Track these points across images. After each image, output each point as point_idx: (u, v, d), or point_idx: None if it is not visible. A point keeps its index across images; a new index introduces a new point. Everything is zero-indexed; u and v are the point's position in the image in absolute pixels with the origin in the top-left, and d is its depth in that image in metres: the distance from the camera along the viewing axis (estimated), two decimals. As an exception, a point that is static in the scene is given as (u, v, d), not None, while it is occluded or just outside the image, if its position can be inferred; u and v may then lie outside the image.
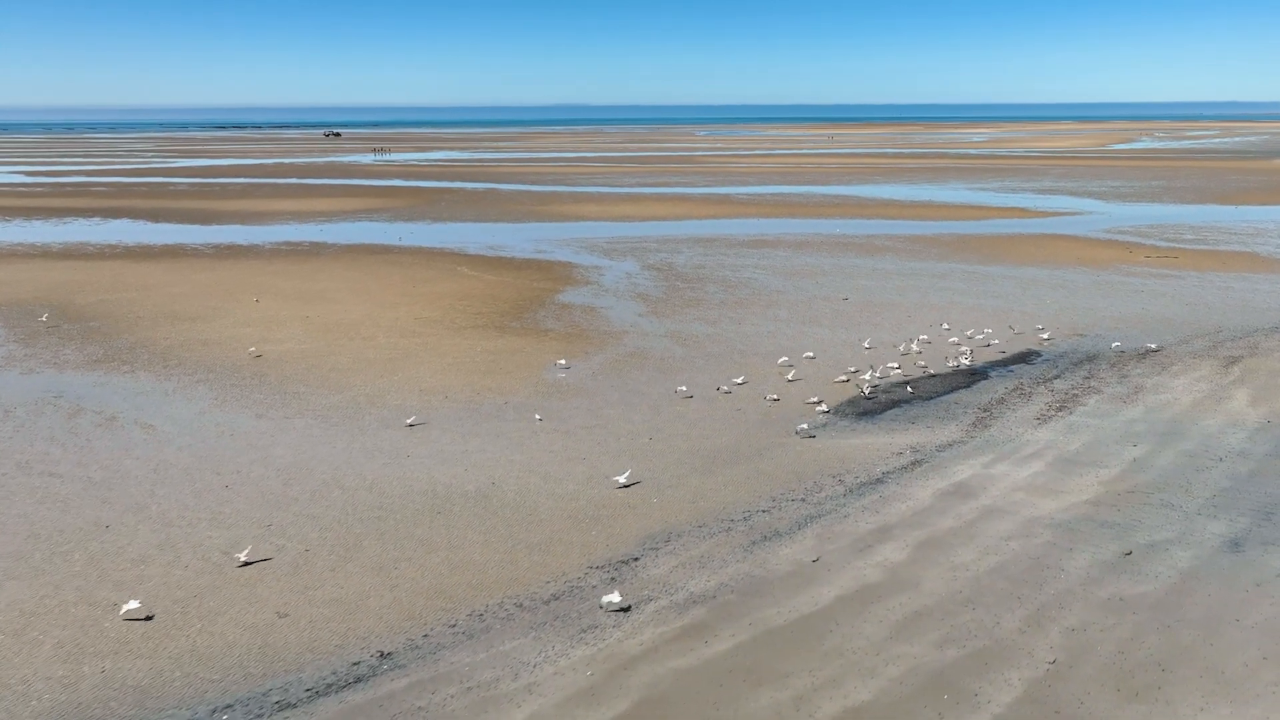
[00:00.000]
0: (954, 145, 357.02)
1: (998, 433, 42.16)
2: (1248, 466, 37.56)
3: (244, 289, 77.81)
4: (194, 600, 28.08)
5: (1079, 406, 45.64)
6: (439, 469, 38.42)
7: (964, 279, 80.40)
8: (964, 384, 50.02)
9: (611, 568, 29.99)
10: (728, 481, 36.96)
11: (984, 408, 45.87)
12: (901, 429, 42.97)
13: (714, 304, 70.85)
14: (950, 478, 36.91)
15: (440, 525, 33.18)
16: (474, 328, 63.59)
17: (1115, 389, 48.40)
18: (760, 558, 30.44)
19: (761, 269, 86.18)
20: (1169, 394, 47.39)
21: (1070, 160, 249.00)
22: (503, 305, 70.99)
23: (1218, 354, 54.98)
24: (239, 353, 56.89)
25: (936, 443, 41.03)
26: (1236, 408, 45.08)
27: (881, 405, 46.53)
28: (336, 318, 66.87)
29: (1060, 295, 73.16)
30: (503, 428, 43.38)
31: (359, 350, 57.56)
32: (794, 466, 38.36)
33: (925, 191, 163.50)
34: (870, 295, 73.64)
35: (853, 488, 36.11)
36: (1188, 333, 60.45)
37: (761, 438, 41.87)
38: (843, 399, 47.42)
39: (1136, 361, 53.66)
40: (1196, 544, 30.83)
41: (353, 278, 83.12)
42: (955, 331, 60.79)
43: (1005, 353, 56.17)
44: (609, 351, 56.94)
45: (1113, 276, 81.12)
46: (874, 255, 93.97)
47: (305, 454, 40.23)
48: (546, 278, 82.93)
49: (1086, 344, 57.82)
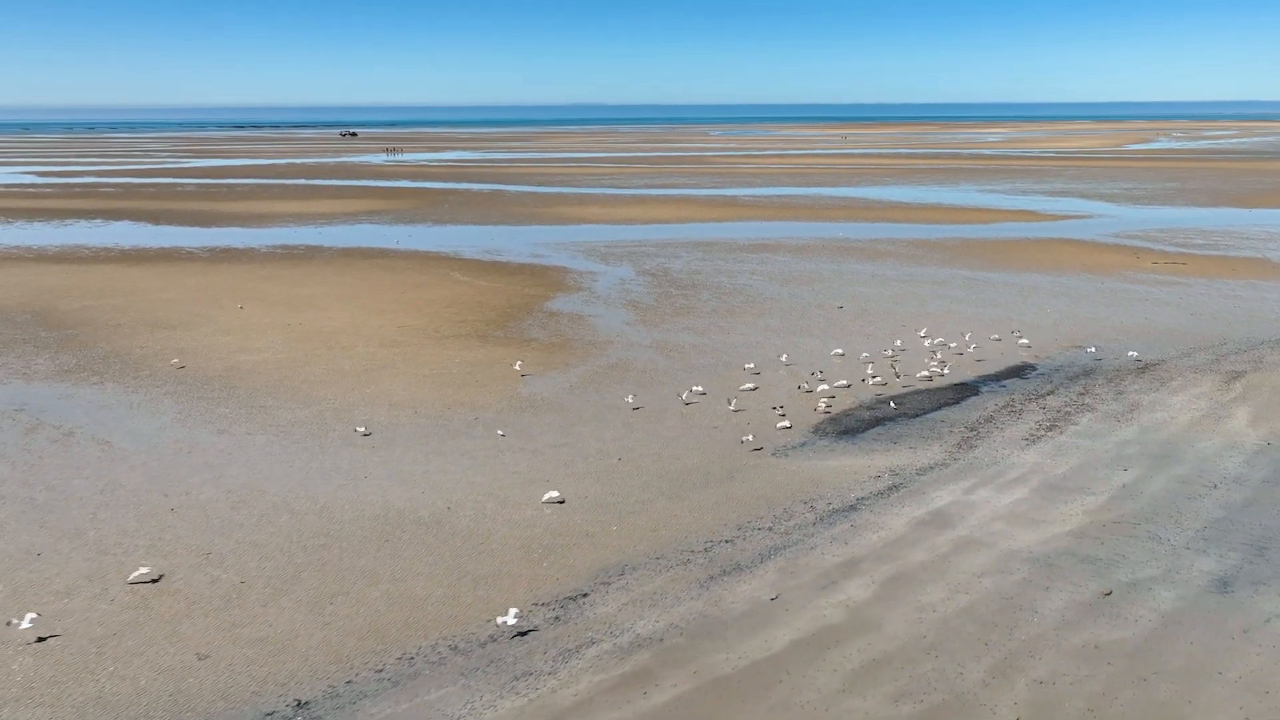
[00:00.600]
0: (969, 145, 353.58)
1: (983, 454, 40.16)
2: (1243, 494, 35.46)
3: (232, 295, 76.41)
4: (113, 639, 26.48)
5: (1070, 425, 43.57)
6: (396, 491, 36.76)
7: (964, 286, 78.23)
8: (953, 400, 48.00)
9: (557, 605, 28.23)
10: (694, 507, 35.14)
11: (971, 426, 43.85)
12: (882, 449, 41.03)
13: (705, 312, 68.97)
14: (928, 505, 34.97)
15: (386, 555, 31.50)
16: (457, 336, 61.93)
17: (1110, 406, 46.29)
18: (716, 595, 28.62)
19: (758, 275, 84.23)
20: (1166, 412, 45.26)
21: (1084, 161, 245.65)
22: (490, 313, 69.32)
23: (1220, 368, 52.74)
24: (213, 363, 55.42)
25: (917, 465, 39.08)
26: (1236, 428, 42.92)
27: (864, 423, 44.60)
28: (319, 325, 65.35)
29: (1062, 304, 70.93)
30: (469, 446, 41.68)
31: (336, 361, 55.99)
32: (765, 491, 36.51)
33: (934, 193, 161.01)
34: (866, 303, 71.59)
35: (824, 515, 34.23)
36: (1191, 345, 58.19)
37: (736, 458, 40.01)
38: (824, 417, 45.49)
39: (1135, 376, 51.50)
40: (1182, 583, 28.82)
41: (343, 283, 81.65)
42: (950, 343, 58.73)
43: (1000, 366, 54.09)
44: (590, 363, 55.17)
45: (1118, 284, 78.79)
46: (875, 260, 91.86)
47: (260, 473, 38.64)
48: (539, 283, 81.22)
49: (1085, 357, 55.66)
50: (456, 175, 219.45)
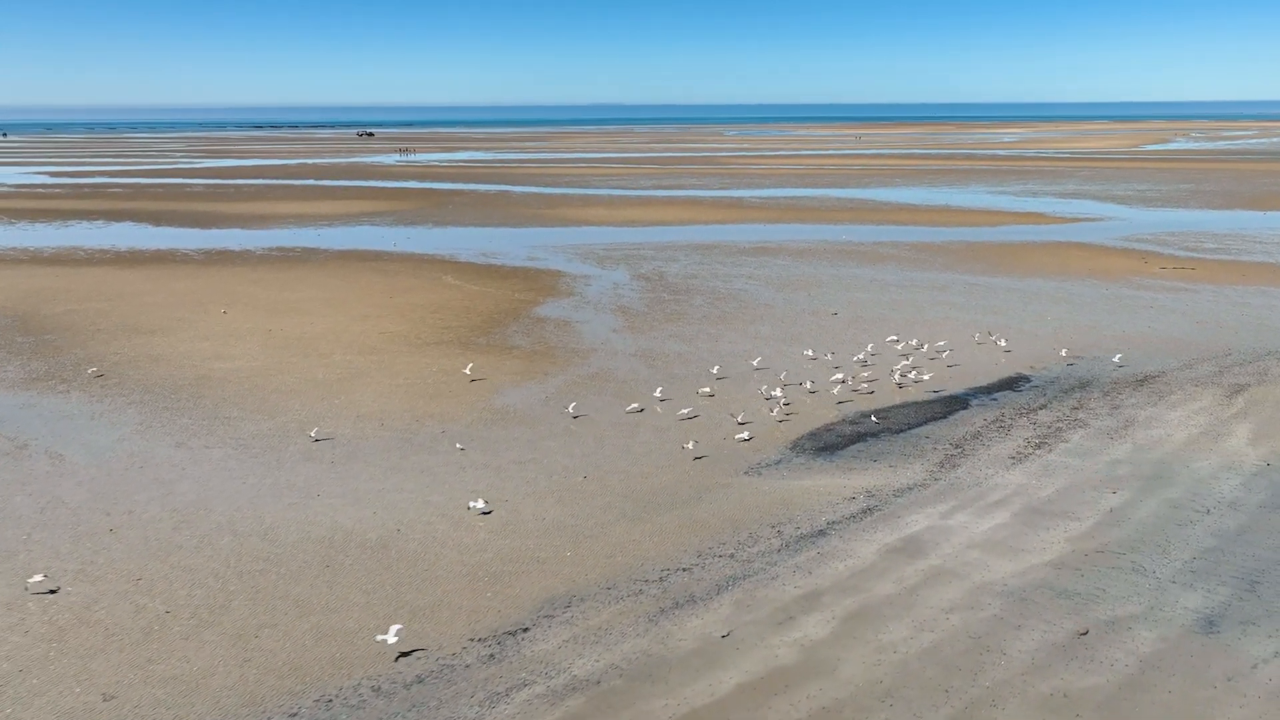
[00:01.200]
0: (983, 145, 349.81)
1: (965, 474, 38.13)
2: (1237, 521, 33.33)
3: (218, 299, 75.02)
4: (19, 676, 24.86)
5: (1060, 443, 41.46)
6: (346, 511, 35.06)
7: (964, 291, 76.02)
8: (941, 414, 45.95)
9: (495, 640, 26.44)
10: (656, 530, 33.28)
11: (956, 443, 41.80)
12: (861, 468, 39.05)
13: (695, 319, 67.06)
14: (901, 530, 33.00)
15: (324, 582, 29.78)
16: (438, 344, 60.25)
17: (1104, 422, 44.13)
18: (665, 630, 26.76)
19: (755, 279, 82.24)
20: (1162, 429, 43.07)
21: (1099, 162, 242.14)
22: (475, 319, 67.62)
23: (1222, 381, 50.46)
24: (185, 371, 53.94)
25: (895, 486, 37.08)
26: (1234, 446, 40.72)
27: (845, 439, 42.61)
28: (300, 331, 63.81)
29: (1063, 311, 68.66)
30: (430, 462, 39.95)
31: (310, 369, 54.40)
32: (732, 513, 34.61)
33: (943, 195, 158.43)
34: (862, 309, 69.51)
35: (790, 541, 32.30)
36: (1194, 355, 55.88)
37: (707, 477, 38.14)
38: (804, 431, 43.53)
39: (1132, 389, 49.30)
40: (1165, 621, 26.76)
41: (333, 286, 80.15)
42: (944, 353, 56.64)
43: (993, 377, 51.97)
44: (570, 372, 53.38)
45: (1123, 290, 76.39)
46: (876, 264, 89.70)
47: (210, 491, 37.02)
48: (531, 288, 79.50)
49: (1081, 368, 53.47)
50: (464, 176, 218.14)
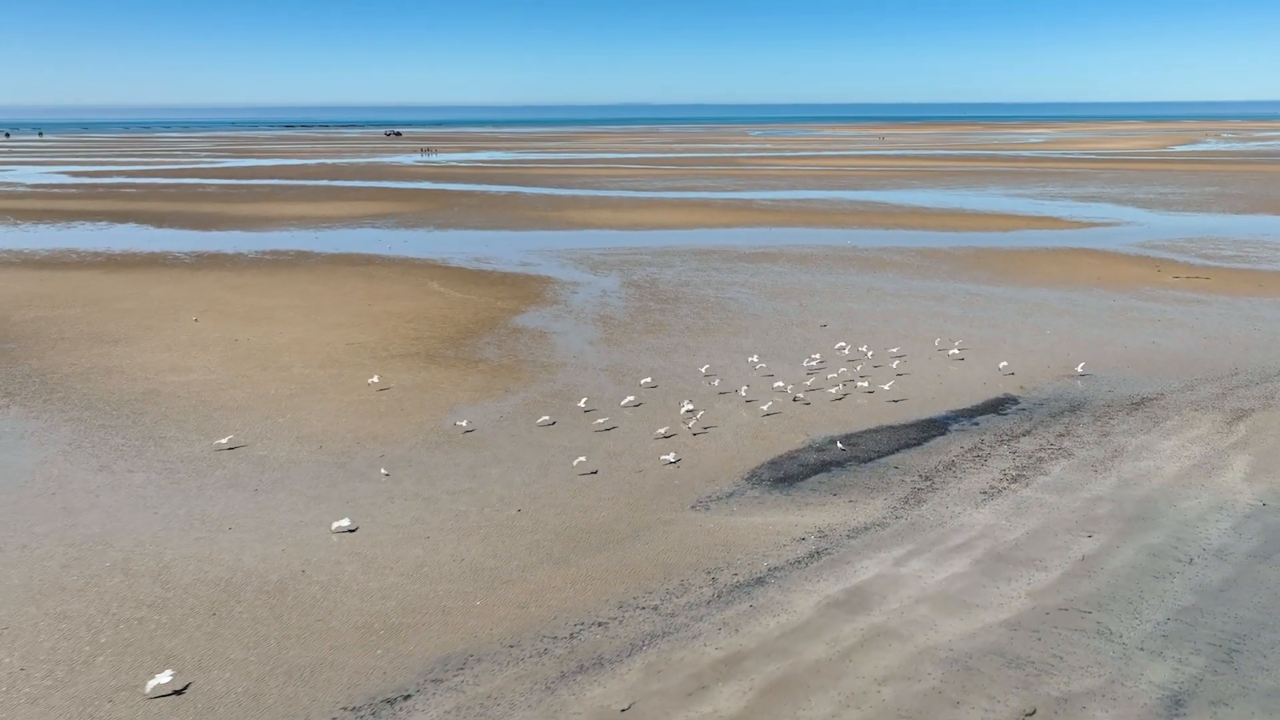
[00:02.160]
0: (1008, 146, 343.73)
1: (930, 512, 34.85)
2: (1222, 573, 29.88)
3: (194, 305, 72.78)
4: None
5: (1039, 476, 38.06)
6: (253, 549, 32.33)
7: (963, 302, 72.42)
8: (915, 440, 42.62)
9: (370, 711, 23.56)
10: (580, 576, 30.31)
11: (926, 475, 38.50)
12: (818, 503, 35.86)
13: (678, 330, 63.98)
14: (847, 579, 29.83)
15: (204, 633, 27.03)
16: (404, 356, 57.56)
17: (1090, 452, 40.65)
18: (560, 702, 23.78)
19: (748, 287, 79.02)
20: (1152, 460, 39.55)
21: (1123, 163, 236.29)
22: (450, 329, 64.89)
23: (1224, 405, 46.77)
24: (136, 384, 51.57)
25: (851, 525, 33.89)
26: (1229, 482, 37.16)
27: (807, 468, 39.41)
28: (266, 341, 61.34)
29: (1065, 324, 64.96)
30: (359, 491, 37.19)
31: (264, 383, 51.85)
32: (668, 556, 31.58)
33: (958, 198, 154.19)
34: (853, 321, 66.14)
35: (724, 590, 29.22)
36: (1197, 375, 52.17)
37: (649, 512, 35.12)
38: (765, 459, 40.37)
39: (1126, 413, 45.73)
40: (1124, 699, 23.46)
41: (314, 293, 77.74)
42: (930, 370, 53.29)
43: (978, 398, 48.56)
44: (534, 389, 50.49)
45: (1130, 301, 72.50)
46: (877, 271, 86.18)
47: (117, 523, 34.43)
48: (515, 295, 76.70)
49: (1075, 388, 49.93)
50: (479, 177, 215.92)
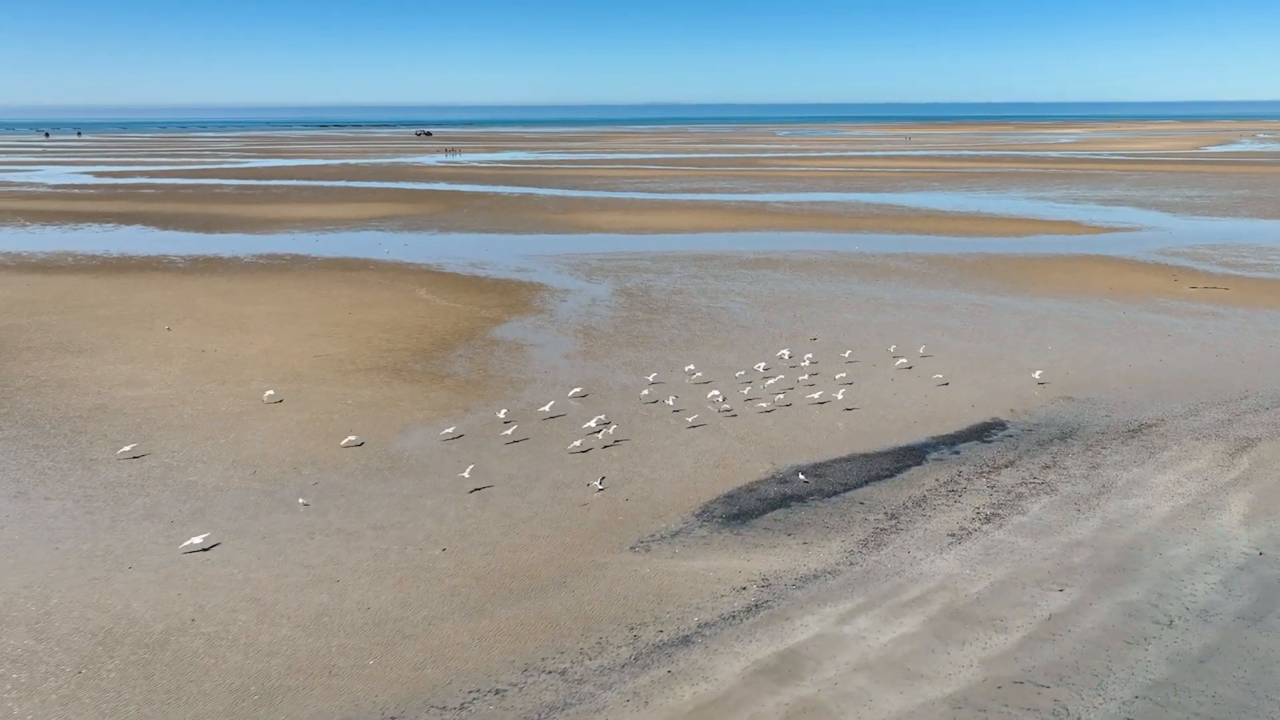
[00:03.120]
0: (1037, 147, 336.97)
1: (889, 558, 31.62)
2: (1205, 639, 26.45)
3: (173, 312, 70.63)
4: None
5: (1015, 516, 34.69)
6: (148, 591, 29.70)
7: (964, 313, 68.79)
8: (888, 471, 39.33)
9: (213, 799, 20.78)
10: (490, 631, 27.40)
11: (892, 512, 35.23)
12: (769, 545, 32.72)
13: (661, 343, 60.92)
14: (783, 639, 26.70)
15: (59, 697, 24.40)
16: (370, 370, 54.95)
17: (1075, 487, 37.20)
18: (428, 791, 20.87)
19: (743, 296, 75.79)
20: (1142, 498, 36.04)
21: (1152, 165, 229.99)
22: (426, 340, 62.21)
23: (1229, 433, 43.06)
24: (86, 399, 49.30)
25: (801, 572, 30.74)
26: (1224, 526, 33.61)
27: (766, 503, 36.26)
28: (233, 353, 58.97)
29: (1069, 338, 61.23)
30: (279, 525, 34.50)
31: (217, 399, 49.40)
32: (592, 607, 28.59)
33: (977, 201, 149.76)
34: (845, 333, 62.76)
35: (643, 651, 26.20)
36: (1204, 398, 48.41)
37: (585, 553, 32.15)
38: (722, 492, 37.27)
39: (1121, 442, 42.16)
40: (1073, 803, 20.20)
41: (298, 300, 75.39)
42: (916, 391, 49.92)
43: (963, 423, 45.14)
44: (494, 408, 47.63)
45: (1141, 314, 68.55)
46: (879, 279, 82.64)
47: (14, 558, 31.95)
48: (502, 303, 73.94)
49: (1069, 413, 46.37)
50: (497, 178, 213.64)
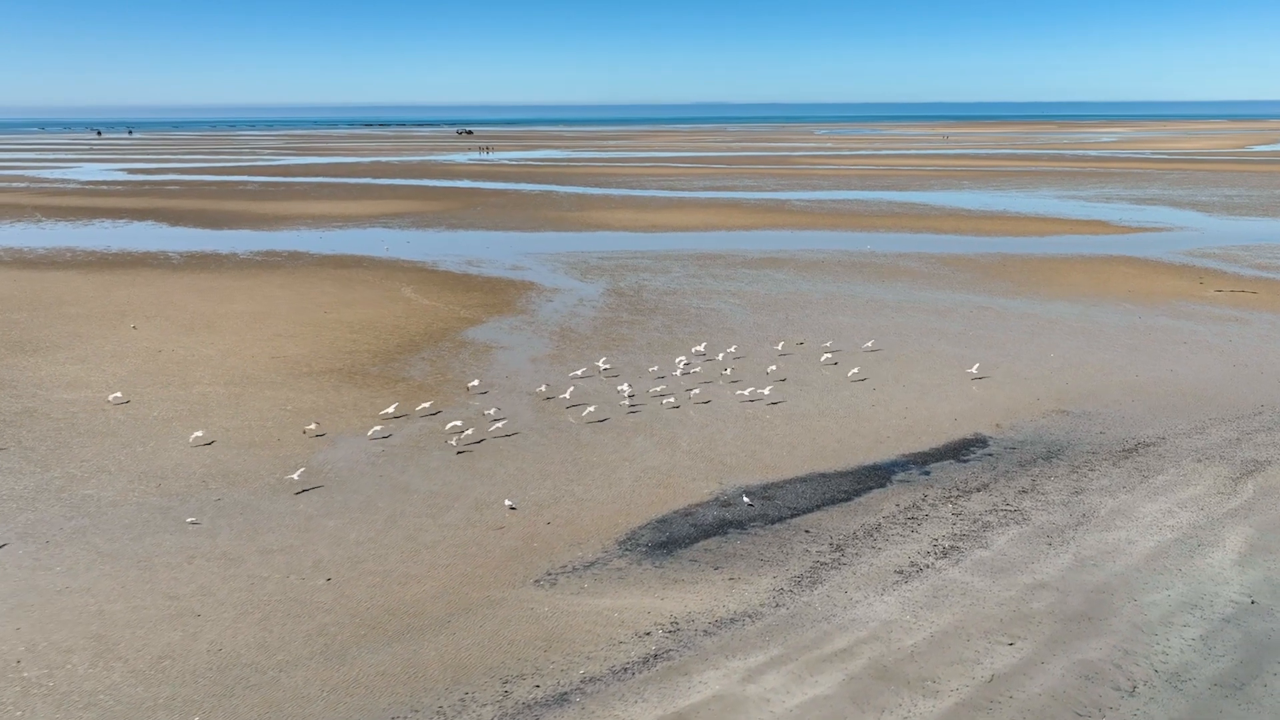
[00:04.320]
0: (1076, 146, 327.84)
1: (821, 600, 27.58)
2: (1170, 712, 22.15)
3: (149, 309, 68.04)
4: None
5: (976, 550, 30.46)
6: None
7: (967, 318, 64.17)
8: (845, 494, 35.21)
9: None
10: (345, 682, 23.81)
11: (839, 543, 31.14)
12: (690, 580, 28.82)
13: (638, 346, 57.09)
14: (674, 700, 22.83)
15: None
16: (323, 373, 51.73)
17: (1050, 516, 32.86)
18: None
19: (738, 297, 71.70)
20: (1125, 530, 31.63)
21: (1193, 164, 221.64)
22: (393, 341, 58.91)
23: (1235, 455, 38.38)
24: (17, 402, 46.55)
25: (718, 614, 26.81)
26: (1215, 566, 29.16)
27: (701, 529, 32.34)
28: (191, 353, 56.08)
29: (1075, 345, 56.50)
30: (161, 547, 31.21)
31: (154, 404, 46.41)
32: (468, 654, 24.90)
33: (1006, 199, 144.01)
34: (836, 338, 58.47)
35: (508, 714, 22.45)
36: (1213, 413, 43.68)
37: (482, 586, 28.48)
38: (655, 516, 33.41)
39: (1112, 463, 37.66)
40: None
41: (278, 297, 72.51)
42: (899, 400, 45.65)
43: (941, 439, 40.84)
44: (438, 418, 44.15)
45: (1159, 319, 63.51)
46: (885, 280, 78.10)
47: None
48: (485, 303, 70.50)
49: (1060, 428, 41.88)
50: (521, 175, 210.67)
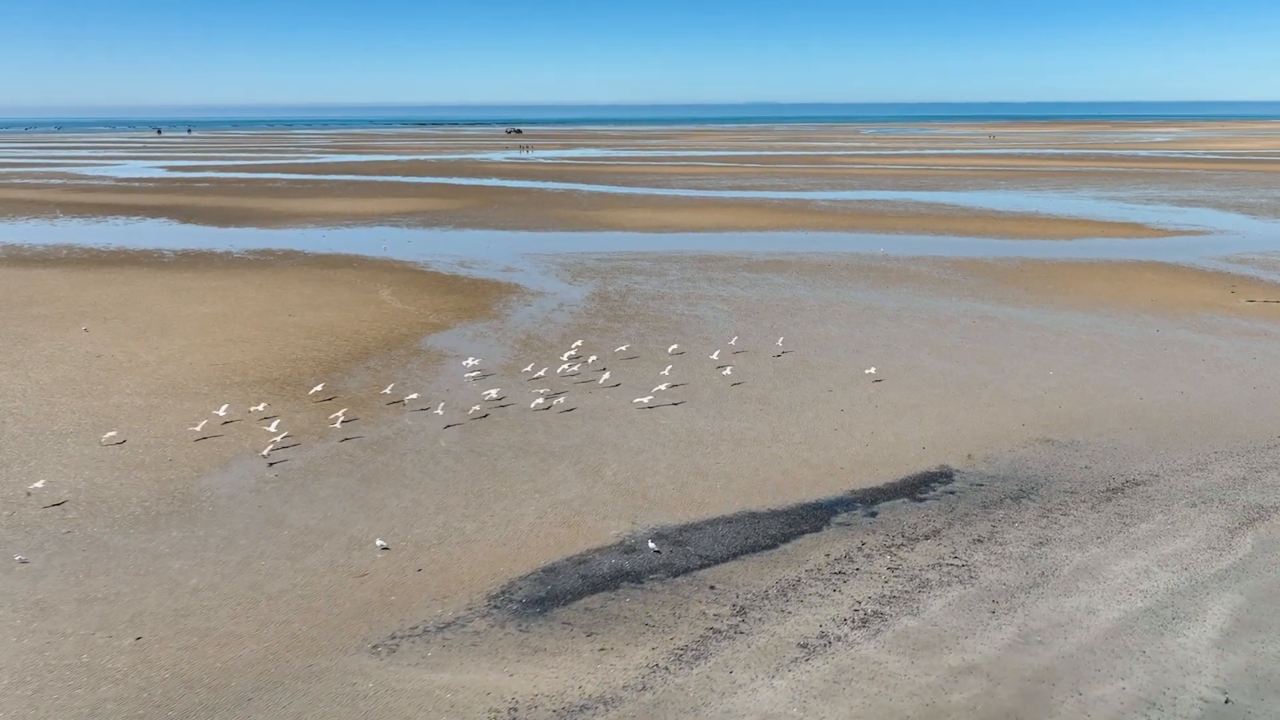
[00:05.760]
0: (1126, 146, 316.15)
1: (696, 682, 22.72)
2: None
3: (109, 311, 64.87)
4: None
5: (903, 618, 25.36)
6: None
7: (966, 329, 58.56)
8: (772, 539, 30.27)
9: None
10: (94, 778, 19.51)
11: (744, 605, 26.24)
12: (554, 649, 24.14)
13: (604, 357, 52.44)
14: (471, 822, 18.16)
15: None
16: (256, 383, 47.84)
17: (1002, 574, 27.62)
18: None
19: (728, 302, 66.70)
20: (1088, 596, 26.32)
21: (1245, 164, 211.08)
22: (345, 347, 54.91)
23: (1238, 499, 32.73)
24: (-79, 412, 43.28)
25: (569, 698, 22.11)
26: (1188, 648, 23.77)
27: (590, 583, 27.62)
28: (129, 359, 52.58)
29: (1077, 361, 50.78)
30: (-25, 590, 27.28)
31: (57, 417, 42.82)
32: (253, 745, 20.48)
33: (1039, 200, 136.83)
34: (817, 350, 53.33)
35: (264, 833, 17.97)
36: (1220, 446, 37.93)
37: (307, 653, 24.07)
38: (544, 563, 28.77)
39: (1091, 507, 32.24)
40: None
41: (250, 298, 68.99)
42: (867, 424, 40.49)
43: (897, 473, 35.65)
44: (355, 441, 39.94)
45: (1178, 331, 57.36)
46: (890, 286, 72.54)
47: None
48: (459, 306, 66.31)
49: (1040, 461, 36.45)
50: (550, 174, 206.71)
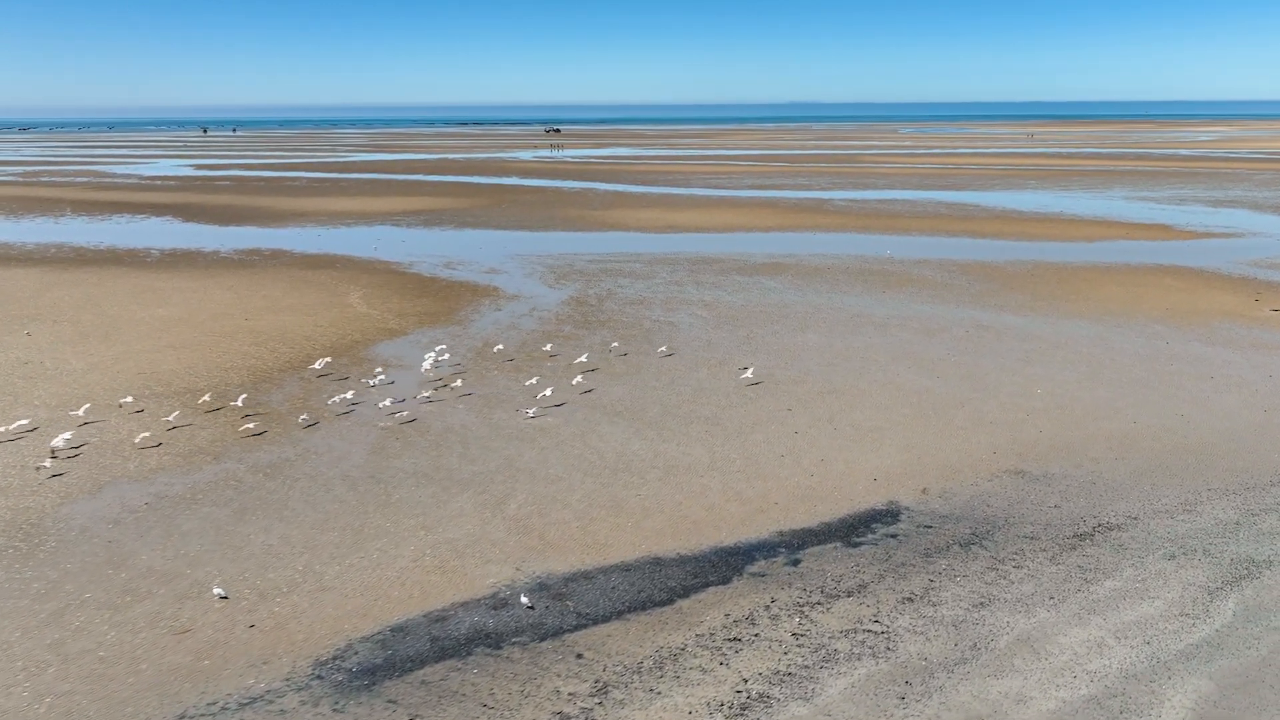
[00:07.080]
0: (1167, 145, 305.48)
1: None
2: None
3: (65, 313, 61.94)
4: None
5: (792, 703, 20.83)
6: None
7: (957, 339, 53.58)
8: (668, 594, 25.88)
9: None
10: None
11: (606, 683, 21.87)
12: (363, 738, 20.01)
13: (557, 371, 48.30)
14: None
15: None
16: (179, 394, 44.37)
17: (927, 645, 23.00)
18: None
19: (709, 308, 62.23)
20: (1023, 677, 21.63)
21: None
22: (288, 355, 51.30)
23: (1224, 551, 27.74)
24: None
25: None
26: (1133, 755, 19.04)
27: (438, 649, 23.42)
28: (56, 367, 49.41)
29: (1071, 378, 45.70)
30: None
31: (-48, 429, 39.56)
32: None
33: (1066, 200, 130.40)
34: (789, 362, 48.73)
35: None
36: (1215, 482, 32.88)
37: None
38: (390, 622, 24.65)
39: (1050, 556, 27.47)
40: None
41: (212, 301, 65.75)
42: (814, 453, 35.92)
43: (842, 509, 31.08)
44: (255, 457, 36.14)
45: (1189, 345, 51.95)
46: (885, 291, 67.57)
47: None
48: (426, 311, 62.55)
49: (1004, 498, 31.66)
50: (571, 173, 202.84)
